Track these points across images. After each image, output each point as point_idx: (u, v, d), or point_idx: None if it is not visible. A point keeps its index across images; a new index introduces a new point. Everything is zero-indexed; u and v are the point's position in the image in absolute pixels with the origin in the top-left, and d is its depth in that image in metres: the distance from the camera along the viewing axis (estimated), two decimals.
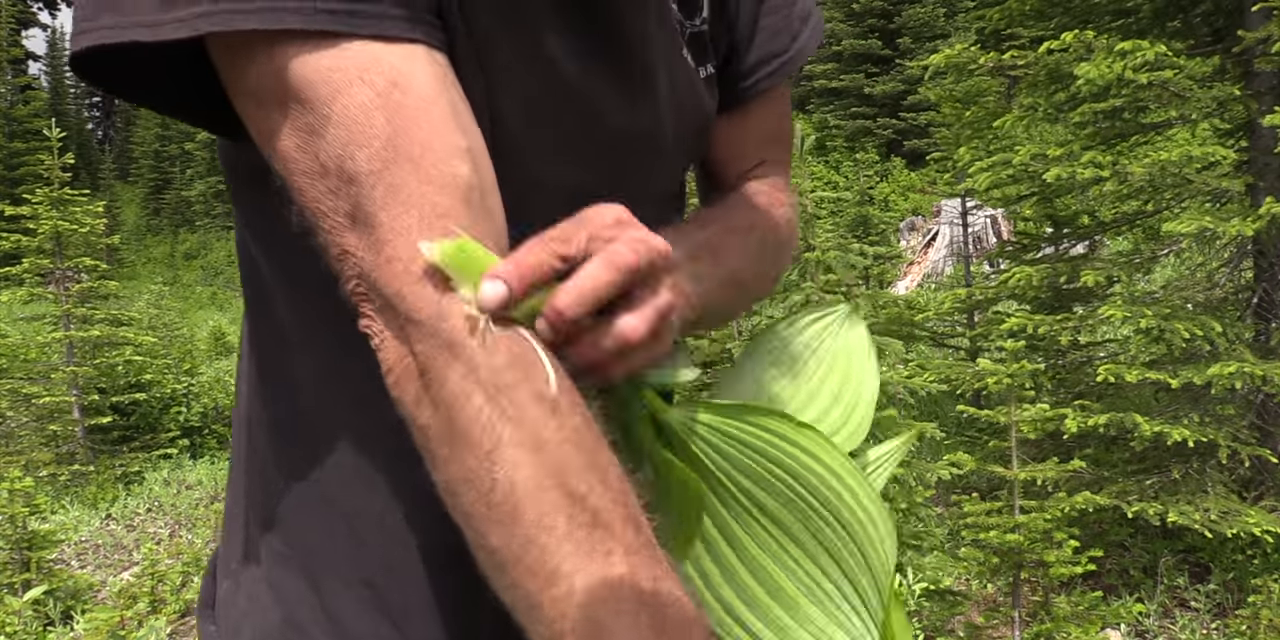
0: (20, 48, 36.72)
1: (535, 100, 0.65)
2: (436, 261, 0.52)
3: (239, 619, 0.74)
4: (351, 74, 0.54)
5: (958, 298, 5.50)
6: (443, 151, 0.55)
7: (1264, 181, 4.12)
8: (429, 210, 0.54)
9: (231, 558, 0.77)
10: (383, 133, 0.54)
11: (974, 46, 4.43)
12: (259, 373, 0.73)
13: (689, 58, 0.76)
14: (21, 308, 8.02)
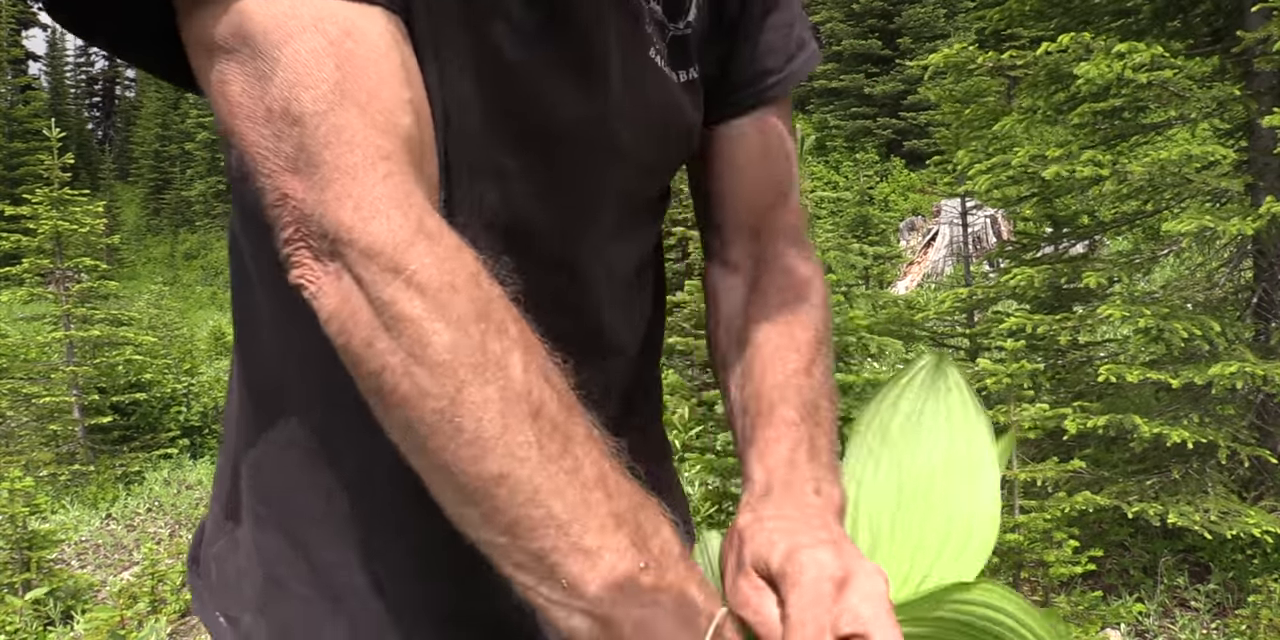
0: (20, 48, 36.73)
1: (484, 86, 0.66)
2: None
3: (236, 577, 0.77)
4: (305, 21, 0.55)
5: (958, 297, 5.50)
6: (389, 101, 0.56)
7: (1264, 181, 4.12)
8: (373, 152, 0.55)
9: (220, 517, 0.80)
10: (331, 77, 0.55)
11: (973, 46, 4.43)
12: (240, 343, 0.78)
13: (662, 58, 0.75)
14: (21, 308, 8.03)
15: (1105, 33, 4.38)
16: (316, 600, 0.73)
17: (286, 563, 0.74)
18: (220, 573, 0.79)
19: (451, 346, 0.53)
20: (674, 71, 0.76)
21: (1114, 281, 4.49)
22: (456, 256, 0.55)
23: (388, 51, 0.57)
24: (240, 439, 0.78)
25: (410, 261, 0.53)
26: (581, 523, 0.53)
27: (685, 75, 0.77)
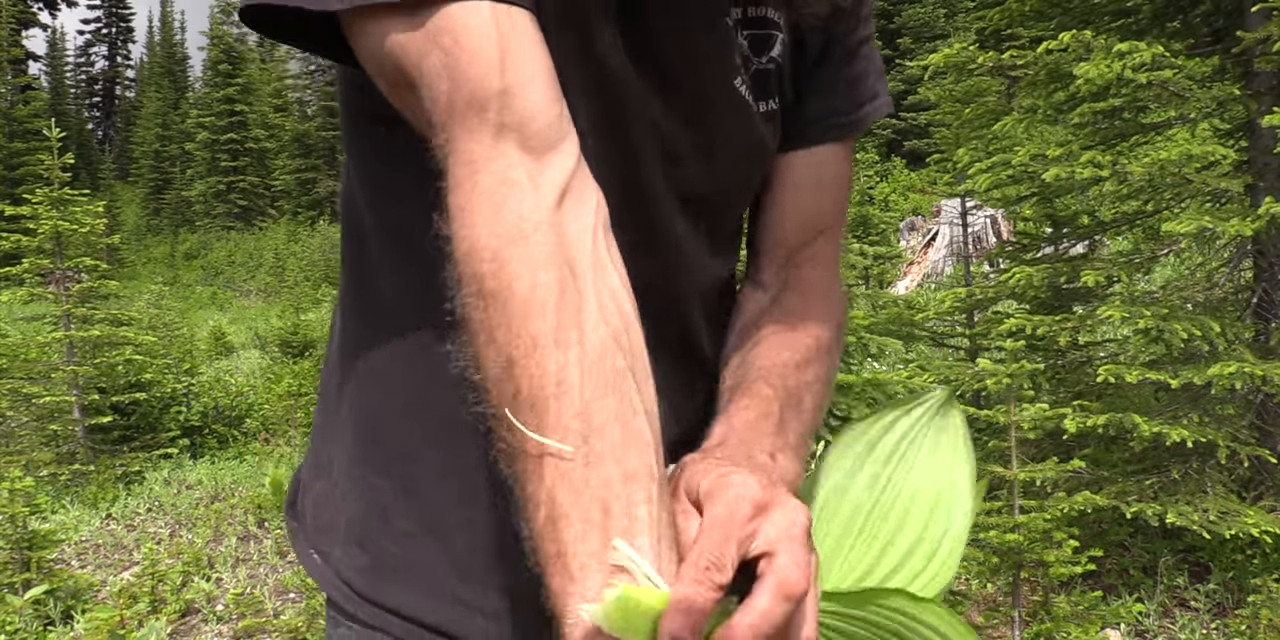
0: (20, 48, 36.72)
1: (588, 99, 0.74)
2: (601, 624, 0.52)
3: (332, 515, 0.86)
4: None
5: (957, 298, 5.50)
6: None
7: (1264, 181, 4.12)
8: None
9: (318, 464, 0.90)
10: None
11: (973, 46, 4.43)
12: (348, 296, 0.87)
13: (746, 88, 0.82)
14: (21, 308, 8.02)
15: (1105, 32, 4.38)
16: (420, 535, 0.80)
17: (392, 500, 0.81)
18: (316, 513, 0.88)
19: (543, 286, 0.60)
20: (755, 102, 0.83)
21: (1114, 281, 4.49)
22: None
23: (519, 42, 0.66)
24: (342, 389, 0.87)
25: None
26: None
27: (765, 106, 0.85)
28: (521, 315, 0.59)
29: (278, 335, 10.80)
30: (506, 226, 0.61)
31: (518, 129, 0.64)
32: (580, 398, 0.58)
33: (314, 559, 0.87)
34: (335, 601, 0.85)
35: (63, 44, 46.98)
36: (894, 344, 3.84)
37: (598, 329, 0.60)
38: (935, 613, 0.63)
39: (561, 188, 0.64)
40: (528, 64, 0.65)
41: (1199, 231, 3.74)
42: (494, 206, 0.62)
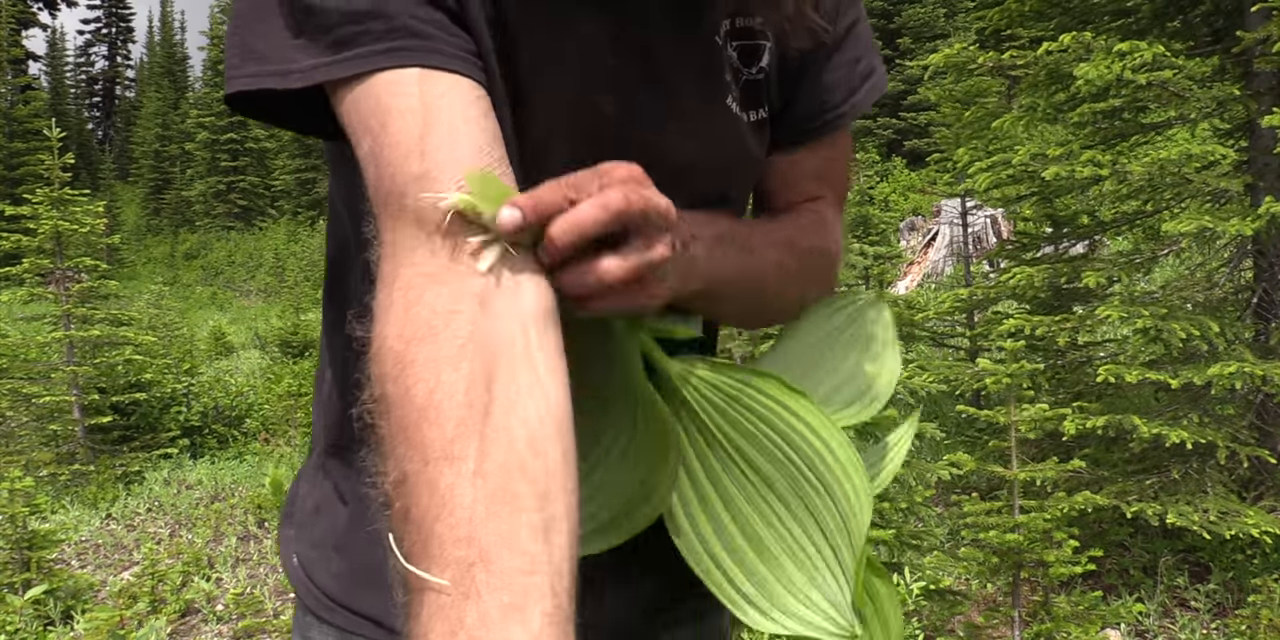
0: (20, 48, 36.72)
1: (573, 128, 0.74)
2: (464, 183, 0.59)
3: (309, 518, 0.86)
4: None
5: (958, 298, 5.50)
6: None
7: (1264, 181, 4.12)
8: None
9: (308, 467, 0.90)
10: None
11: (973, 46, 4.43)
12: (330, 297, 0.88)
13: (737, 102, 0.82)
14: (21, 308, 8.02)
15: (1105, 33, 4.38)
16: None
17: (369, 507, 0.78)
18: (299, 516, 0.88)
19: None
20: (745, 112, 0.83)
21: (1114, 281, 4.49)
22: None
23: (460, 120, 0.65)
24: (325, 395, 0.87)
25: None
26: None
27: (755, 115, 0.84)
28: (418, 424, 0.54)
29: (278, 335, 10.80)
30: (416, 324, 0.57)
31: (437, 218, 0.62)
32: (469, 518, 0.51)
33: (293, 561, 0.87)
34: (310, 607, 0.84)
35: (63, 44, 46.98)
36: None
37: (503, 436, 0.54)
38: (805, 405, 0.66)
39: (488, 278, 0.60)
40: (454, 144, 0.62)
41: (1199, 231, 3.74)
42: (408, 303, 0.58)
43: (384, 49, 0.64)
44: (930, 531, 3.54)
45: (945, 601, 3.30)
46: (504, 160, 0.65)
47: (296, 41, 0.66)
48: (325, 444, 0.88)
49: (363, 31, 0.64)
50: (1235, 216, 3.72)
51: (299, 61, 0.65)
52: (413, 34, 0.64)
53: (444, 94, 0.64)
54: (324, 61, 0.65)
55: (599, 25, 0.73)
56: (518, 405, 0.56)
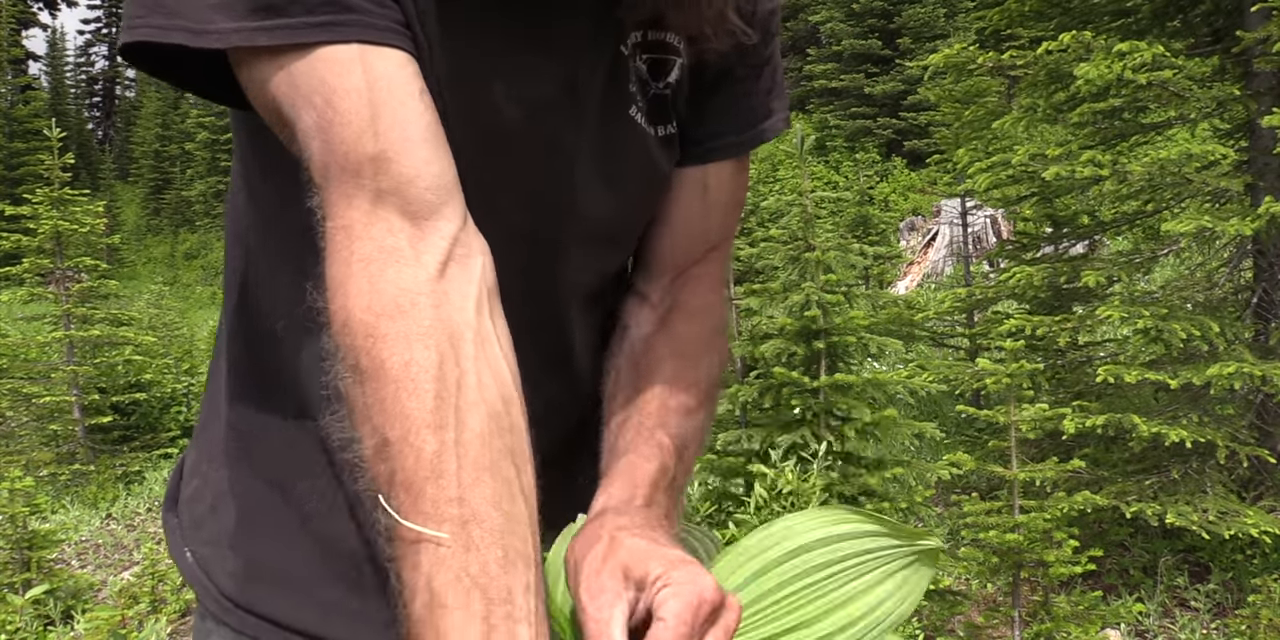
0: (20, 48, 36.72)
1: (472, 130, 0.72)
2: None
3: (205, 514, 0.83)
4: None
5: (957, 298, 5.50)
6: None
7: (1264, 181, 4.12)
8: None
9: (196, 458, 0.87)
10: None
11: (973, 46, 4.43)
12: (237, 280, 0.84)
13: (642, 115, 0.80)
14: (21, 307, 8.02)
15: (1105, 33, 4.38)
16: (291, 540, 0.78)
17: (265, 505, 0.79)
18: (191, 511, 0.85)
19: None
20: (652, 127, 0.81)
21: (1114, 281, 4.49)
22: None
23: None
24: (222, 386, 0.85)
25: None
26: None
27: (663, 130, 0.82)
28: (396, 395, 0.58)
29: None
30: (384, 300, 0.60)
31: (396, 194, 0.63)
32: (457, 482, 0.57)
33: (186, 558, 0.85)
34: (210, 610, 0.83)
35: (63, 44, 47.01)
36: (894, 344, 3.84)
37: (477, 408, 0.59)
38: None
39: (444, 255, 0.63)
40: (405, 124, 0.64)
41: (1199, 231, 3.74)
42: (371, 277, 0.61)
43: (319, 22, 0.63)
44: (930, 531, 3.55)
45: (945, 601, 3.30)
46: (440, 126, 0.66)
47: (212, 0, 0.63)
48: (220, 436, 0.84)
49: (291, 2, 0.62)
50: (1235, 216, 3.72)
51: (215, 21, 0.62)
52: (347, 7, 0.63)
53: (386, 72, 0.64)
54: (248, 26, 0.62)
55: (508, 32, 0.72)
56: (484, 378, 0.61)
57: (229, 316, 0.86)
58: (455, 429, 0.58)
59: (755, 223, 12.72)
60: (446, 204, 0.65)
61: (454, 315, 0.61)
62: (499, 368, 0.62)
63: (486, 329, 0.63)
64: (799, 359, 3.71)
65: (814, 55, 23.48)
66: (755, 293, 4.04)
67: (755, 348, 4.65)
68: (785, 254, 3.97)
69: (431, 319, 0.60)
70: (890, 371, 6.22)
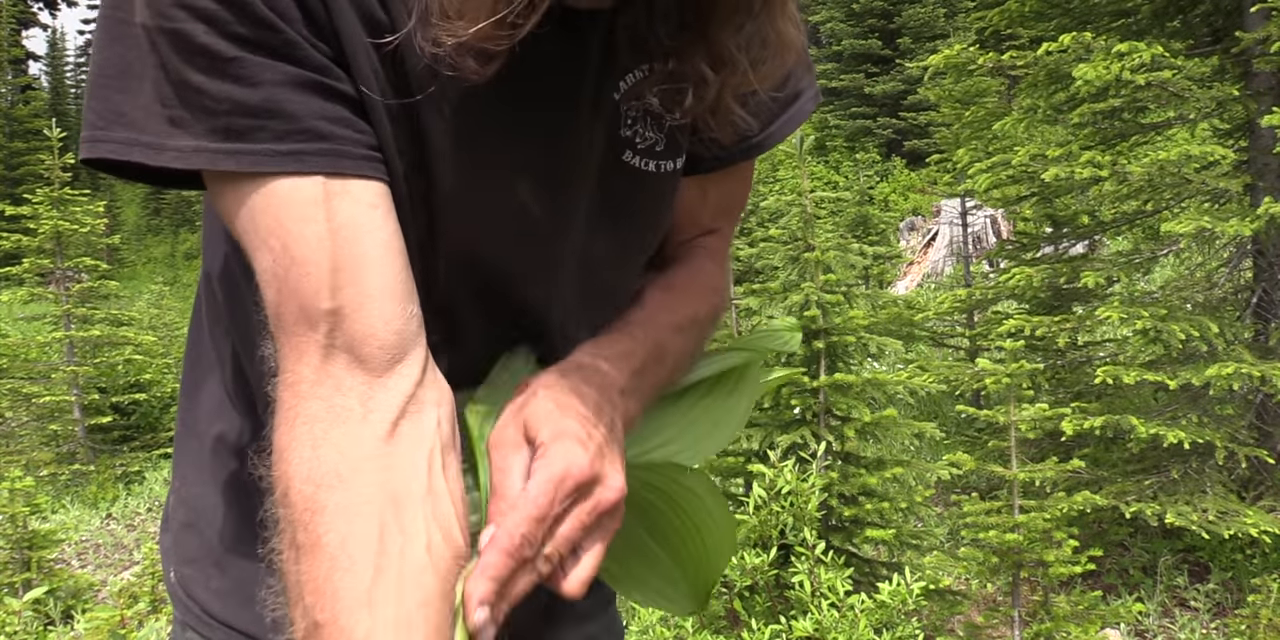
0: (20, 48, 36.69)
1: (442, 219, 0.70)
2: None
3: (181, 532, 0.85)
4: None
5: (957, 298, 5.50)
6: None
7: (1263, 181, 4.12)
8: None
9: (175, 477, 0.88)
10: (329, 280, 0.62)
11: (973, 47, 4.43)
12: (191, 345, 0.86)
13: (646, 156, 0.77)
14: (22, 307, 8.02)
15: (1105, 33, 4.38)
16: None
17: (249, 525, 0.78)
18: (172, 529, 0.86)
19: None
20: (655, 163, 0.78)
21: (1113, 281, 4.49)
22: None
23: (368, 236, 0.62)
24: (201, 405, 0.84)
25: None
26: None
27: (669, 165, 0.79)
28: (330, 573, 0.55)
29: None
30: (325, 468, 0.57)
31: (349, 350, 0.60)
32: None
33: (170, 577, 0.85)
34: (190, 623, 0.83)
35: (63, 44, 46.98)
36: (894, 344, 3.84)
37: (423, 574, 0.57)
38: (700, 480, 0.79)
39: (396, 413, 0.60)
40: (365, 277, 0.60)
41: (1198, 231, 3.74)
42: (314, 442, 0.58)
43: (286, 151, 0.60)
44: (930, 531, 3.55)
45: (945, 601, 3.30)
46: (410, 279, 0.63)
47: (172, 113, 0.60)
48: (198, 455, 0.83)
49: (258, 127, 0.59)
50: (1235, 217, 3.73)
51: (176, 139, 0.60)
52: (318, 135, 0.60)
53: (352, 216, 0.61)
54: (209, 147, 0.60)
55: (500, 108, 0.68)
56: (434, 539, 0.58)
57: (212, 339, 0.83)
58: (395, 604, 0.55)
59: (755, 223, 12.71)
60: (403, 359, 0.62)
61: (401, 477, 0.58)
62: (449, 525, 0.59)
63: (439, 486, 0.60)
64: (798, 359, 3.71)
65: (814, 55, 23.44)
66: (755, 293, 4.04)
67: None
68: (785, 254, 3.97)
69: (375, 485, 0.57)
70: (890, 371, 6.22)
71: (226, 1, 0.58)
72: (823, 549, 2.77)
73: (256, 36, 0.59)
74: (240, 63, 0.59)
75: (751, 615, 2.81)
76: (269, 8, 0.59)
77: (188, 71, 0.59)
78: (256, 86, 0.59)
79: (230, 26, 0.59)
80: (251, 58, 0.59)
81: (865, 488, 3.34)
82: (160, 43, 0.59)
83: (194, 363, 0.86)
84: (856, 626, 2.52)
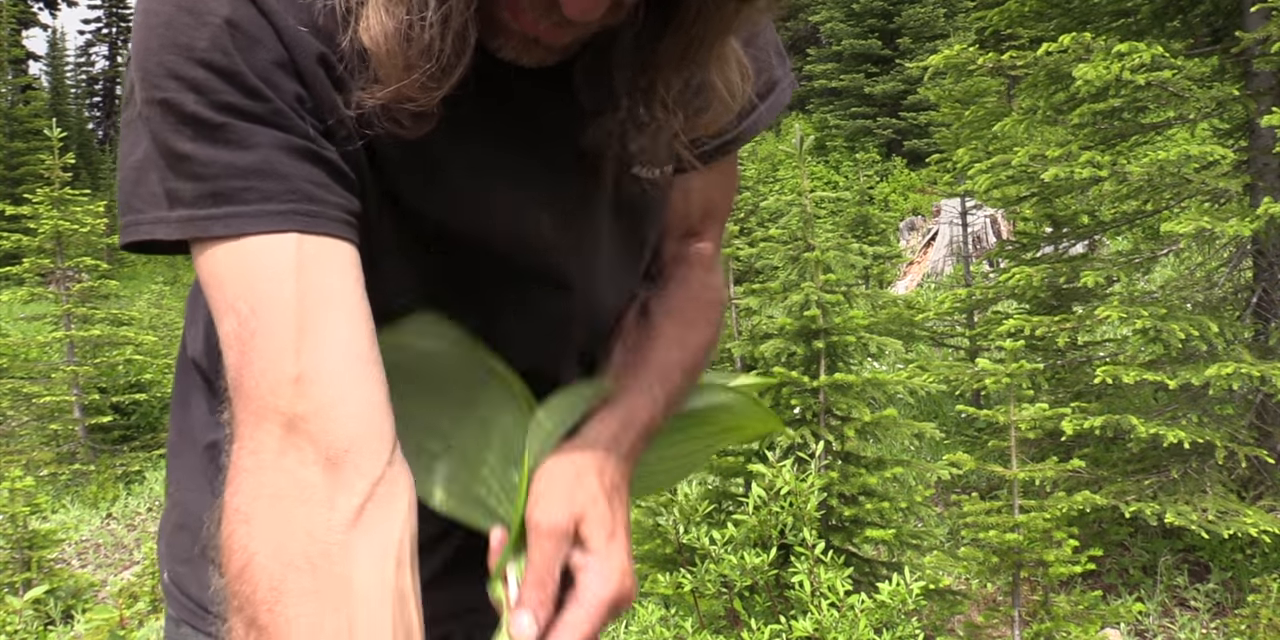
0: (20, 48, 36.70)
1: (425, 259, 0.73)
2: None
3: (176, 534, 0.87)
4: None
5: (957, 298, 5.50)
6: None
7: (1263, 181, 4.12)
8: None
9: (170, 482, 0.89)
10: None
11: (973, 47, 4.43)
12: (181, 351, 0.88)
13: (648, 167, 0.78)
14: (22, 307, 8.03)
15: (1105, 33, 4.38)
16: None
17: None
18: (166, 532, 0.88)
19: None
20: (659, 170, 0.79)
21: (1113, 281, 4.49)
22: None
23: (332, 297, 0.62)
24: (198, 412, 0.85)
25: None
26: None
27: (666, 169, 0.80)
28: None
29: None
30: (292, 548, 0.55)
31: (313, 422, 0.58)
32: None
33: (164, 578, 0.86)
34: (185, 619, 0.83)
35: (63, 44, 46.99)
36: (894, 344, 3.84)
37: None
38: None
39: (363, 497, 0.58)
40: (330, 344, 0.59)
41: (1198, 231, 3.74)
42: (279, 518, 0.56)
43: (275, 210, 0.60)
44: (930, 531, 3.55)
45: (945, 601, 3.30)
46: (375, 345, 0.63)
47: (167, 186, 0.61)
48: (195, 460, 0.84)
49: (247, 188, 0.60)
50: (1234, 217, 3.73)
51: (173, 210, 0.61)
52: (305, 197, 0.61)
53: (321, 284, 0.61)
54: (199, 215, 0.60)
55: (502, 141, 0.71)
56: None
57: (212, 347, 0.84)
58: None
59: (755, 223, 12.71)
60: (369, 437, 0.59)
61: (370, 572, 0.56)
62: (411, 630, 0.58)
63: (405, 587, 0.58)
64: (798, 359, 3.71)
65: (814, 55, 23.48)
66: (754, 293, 4.04)
67: (755, 348, 4.65)
68: (785, 254, 3.97)
69: (342, 578, 0.55)
70: (890, 371, 6.22)
71: (217, 70, 0.59)
72: (822, 549, 2.77)
73: (245, 105, 0.60)
74: (229, 128, 0.60)
75: (751, 615, 2.81)
76: (259, 77, 0.60)
77: (176, 140, 0.60)
78: (248, 149, 0.60)
79: (220, 95, 0.60)
80: (240, 124, 0.60)
81: (865, 488, 3.35)
82: (153, 116, 0.61)
83: (184, 369, 0.86)
84: (856, 626, 2.52)
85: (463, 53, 0.60)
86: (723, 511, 3.43)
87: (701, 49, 0.67)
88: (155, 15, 0.60)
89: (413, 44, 0.59)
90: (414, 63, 0.60)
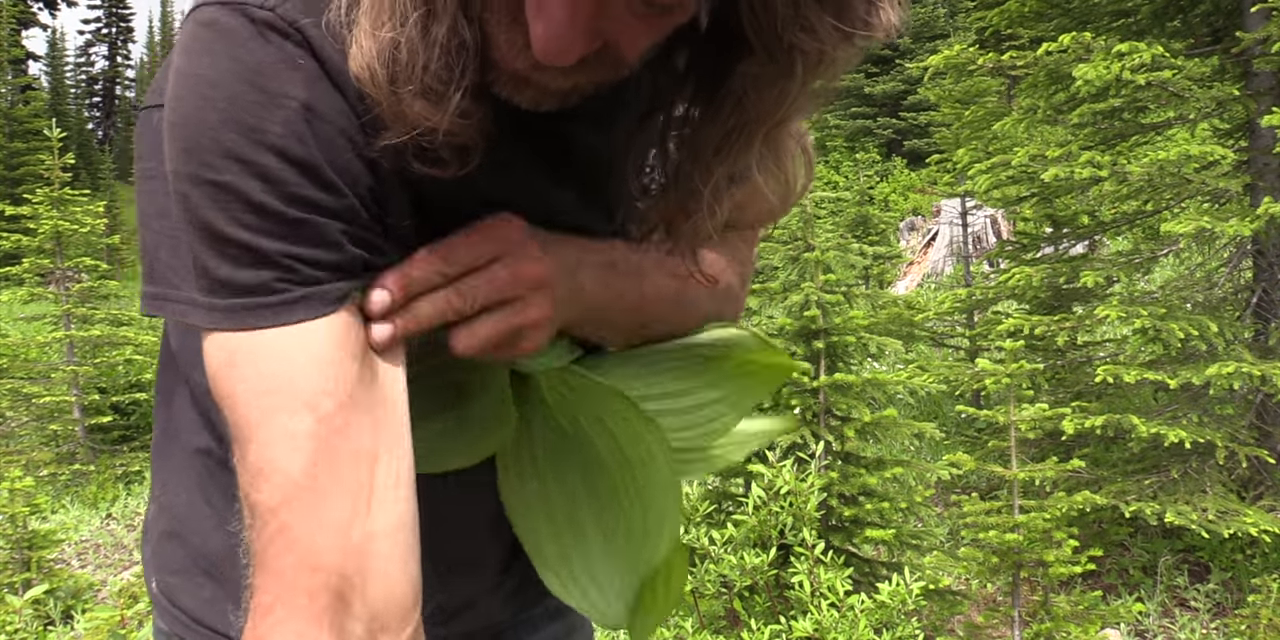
0: (20, 48, 36.71)
1: None
2: None
3: (162, 541, 0.84)
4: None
5: (957, 298, 5.50)
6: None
7: (1263, 181, 4.12)
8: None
9: (155, 484, 0.88)
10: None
11: (973, 47, 4.43)
12: (163, 347, 0.85)
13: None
14: (22, 307, 8.03)
15: (1105, 33, 4.38)
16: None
17: (220, 531, 0.78)
18: (153, 538, 0.86)
19: None
20: None
21: (1113, 281, 4.49)
22: None
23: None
24: (185, 414, 0.83)
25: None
26: None
27: None
28: None
29: None
30: None
31: (367, 608, 0.56)
32: None
33: (153, 586, 0.85)
34: (174, 630, 0.82)
35: (63, 44, 47.03)
36: (894, 344, 3.84)
37: None
38: (651, 430, 0.70)
39: None
40: (336, 483, 0.56)
41: (1198, 231, 3.75)
42: None
43: (278, 302, 0.57)
44: (930, 531, 3.55)
45: (945, 601, 3.30)
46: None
47: (216, 270, 0.58)
48: (181, 462, 0.81)
49: (265, 280, 0.58)
50: (1234, 217, 3.73)
51: (215, 298, 0.59)
52: (307, 278, 0.58)
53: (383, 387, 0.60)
54: (220, 304, 0.58)
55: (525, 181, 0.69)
56: None
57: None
58: None
59: None
60: (414, 612, 0.58)
61: None
62: None
63: None
64: (799, 359, 3.71)
65: None
66: (755, 293, 4.04)
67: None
68: (785, 254, 3.98)
69: None
70: (890, 371, 6.22)
71: (291, 160, 0.57)
72: (822, 549, 2.77)
73: (322, 199, 0.58)
74: (307, 224, 0.57)
75: (751, 615, 2.81)
76: (337, 170, 0.58)
77: (227, 225, 0.57)
78: (326, 248, 0.58)
79: (293, 187, 0.57)
80: (318, 220, 0.58)
81: (865, 488, 3.35)
82: (198, 195, 0.57)
83: (166, 364, 0.84)
84: (856, 626, 2.52)
85: (454, 68, 0.58)
86: (723, 511, 3.43)
87: (742, 137, 0.64)
88: (216, 87, 0.57)
89: (396, 62, 0.57)
90: (398, 77, 0.57)
